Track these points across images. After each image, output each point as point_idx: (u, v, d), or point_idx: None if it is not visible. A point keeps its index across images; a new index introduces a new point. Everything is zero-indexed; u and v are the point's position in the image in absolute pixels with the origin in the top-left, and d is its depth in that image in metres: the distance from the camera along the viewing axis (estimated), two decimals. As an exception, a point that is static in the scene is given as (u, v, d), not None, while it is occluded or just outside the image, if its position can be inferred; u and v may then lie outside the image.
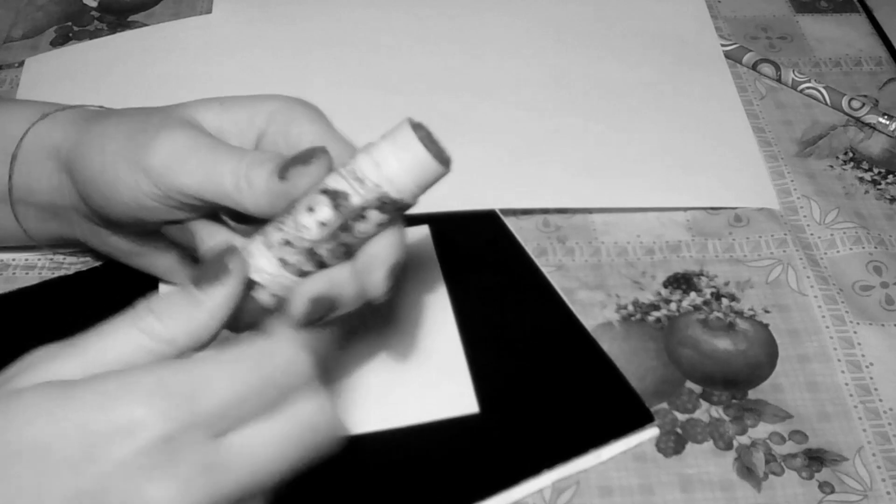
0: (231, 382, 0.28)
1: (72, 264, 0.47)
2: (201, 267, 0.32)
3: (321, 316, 0.35)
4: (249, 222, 0.37)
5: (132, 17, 0.62)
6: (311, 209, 0.34)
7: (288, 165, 0.35)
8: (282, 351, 0.29)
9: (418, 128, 0.34)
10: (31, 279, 0.47)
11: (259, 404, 0.28)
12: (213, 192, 0.36)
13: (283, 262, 0.34)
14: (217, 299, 0.31)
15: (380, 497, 0.39)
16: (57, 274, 0.47)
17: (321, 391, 0.29)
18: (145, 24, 0.62)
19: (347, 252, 0.35)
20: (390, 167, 0.33)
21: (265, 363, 0.28)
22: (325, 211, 0.34)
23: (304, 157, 0.35)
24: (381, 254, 0.35)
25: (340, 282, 0.35)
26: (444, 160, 0.33)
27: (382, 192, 0.33)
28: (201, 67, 0.58)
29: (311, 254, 0.34)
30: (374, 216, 0.34)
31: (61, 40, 0.61)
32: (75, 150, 0.40)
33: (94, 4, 0.63)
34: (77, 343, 0.29)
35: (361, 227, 0.34)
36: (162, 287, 0.45)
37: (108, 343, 0.29)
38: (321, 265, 0.34)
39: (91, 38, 0.61)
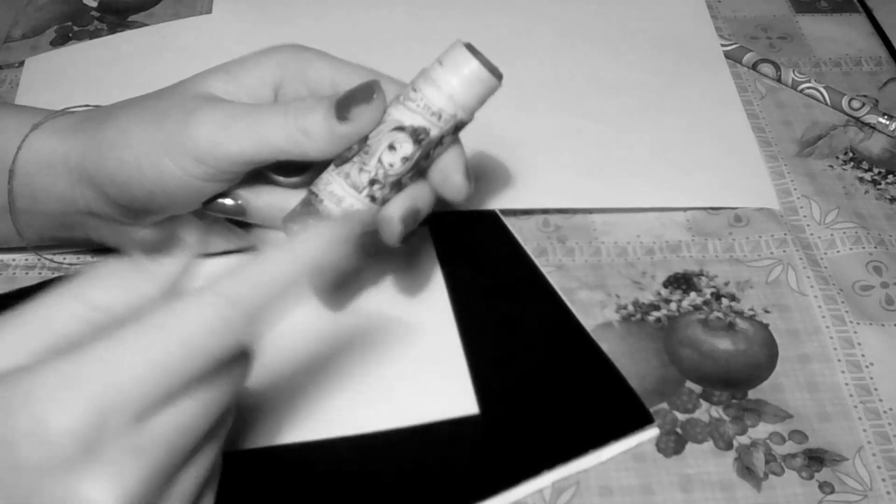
0: (148, 362, 0.26)
1: (72, 264, 0.47)
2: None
3: (410, 230, 0.39)
4: (296, 173, 0.40)
5: (132, 17, 0.62)
6: (392, 147, 0.37)
7: (347, 105, 0.37)
8: (203, 317, 0.27)
9: (472, 49, 0.37)
10: (31, 279, 0.47)
11: (179, 379, 0.27)
12: (265, 153, 0.37)
13: (373, 198, 0.38)
14: (169, 267, 0.29)
15: (380, 497, 0.39)
16: (57, 274, 0.47)
17: (245, 356, 0.29)
18: (145, 24, 0.62)
19: (422, 171, 0.39)
20: (462, 96, 0.37)
21: (186, 333, 0.27)
22: (407, 147, 0.37)
23: (364, 96, 0.37)
24: (452, 161, 0.39)
25: (420, 195, 0.39)
26: (499, 74, 0.37)
27: (458, 120, 0.38)
28: (201, 67, 0.57)
29: (397, 184, 0.38)
30: (448, 139, 0.38)
31: (61, 40, 0.61)
32: (94, 159, 0.39)
33: (94, 4, 0.63)
34: (15, 316, 0.28)
35: (438, 151, 0.38)
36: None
37: (43, 314, 0.28)
38: (400, 188, 0.39)
39: (91, 38, 0.61)
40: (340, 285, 0.40)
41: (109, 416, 0.26)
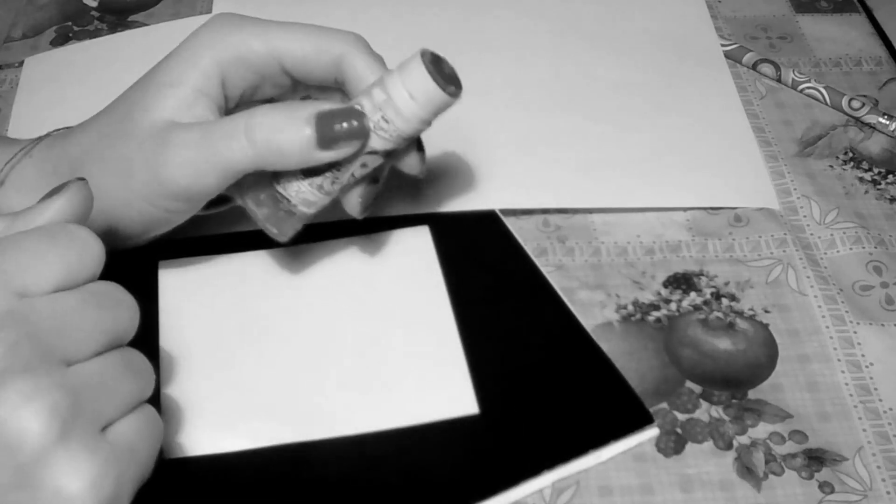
0: (25, 245, 0.30)
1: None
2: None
3: (371, 200, 0.41)
4: None
5: (132, 17, 0.62)
6: (365, 165, 0.39)
7: (331, 137, 0.37)
8: (76, 232, 0.31)
9: (434, 64, 0.37)
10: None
11: (58, 267, 0.30)
12: (237, 176, 0.38)
13: (342, 192, 0.40)
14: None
15: (380, 497, 0.39)
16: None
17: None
18: (145, 24, 0.62)
19: None
20: (429, 116, 0.38)
21: (63, 237, 0.31)
22: (378, 160, 0.39)
23: (353, 132, 0.37)
24: (409, 150, 0.40)
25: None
26: (459, 85, 0.38)
27: (420, 131, 0.39)
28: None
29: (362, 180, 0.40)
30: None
31: (61, 40, 0.61)
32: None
33: (94, 4, 0.63)
34: None
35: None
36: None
37: None
38: None
39: (91, 38, 0.61)
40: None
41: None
